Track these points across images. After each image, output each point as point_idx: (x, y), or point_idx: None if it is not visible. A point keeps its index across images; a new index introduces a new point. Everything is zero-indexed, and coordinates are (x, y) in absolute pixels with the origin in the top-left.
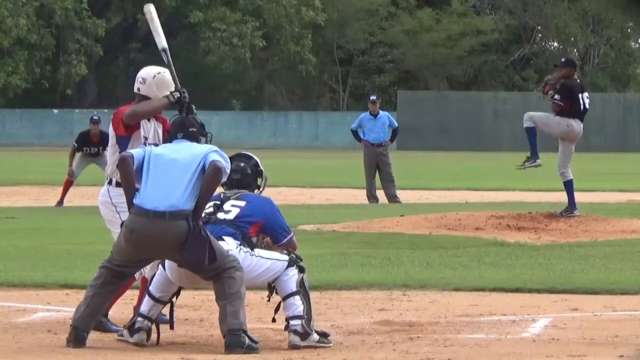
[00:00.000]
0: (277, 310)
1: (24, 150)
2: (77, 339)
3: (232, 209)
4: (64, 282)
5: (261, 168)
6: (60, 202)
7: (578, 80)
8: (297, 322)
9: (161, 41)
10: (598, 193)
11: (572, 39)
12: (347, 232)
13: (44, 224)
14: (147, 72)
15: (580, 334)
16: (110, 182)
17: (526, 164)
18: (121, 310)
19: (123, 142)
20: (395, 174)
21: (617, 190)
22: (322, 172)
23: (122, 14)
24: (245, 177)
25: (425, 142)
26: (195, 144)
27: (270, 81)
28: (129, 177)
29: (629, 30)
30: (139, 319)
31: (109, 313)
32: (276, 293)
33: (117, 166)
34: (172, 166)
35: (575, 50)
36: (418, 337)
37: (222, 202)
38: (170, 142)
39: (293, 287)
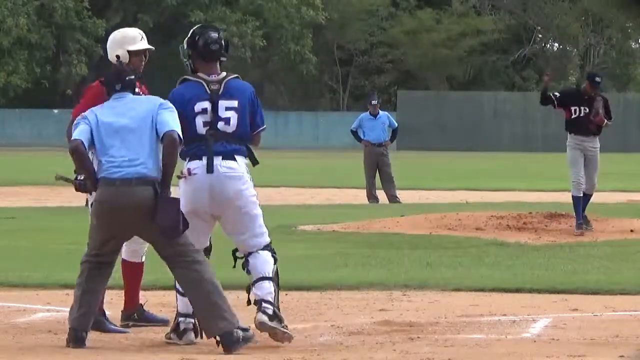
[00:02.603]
0: (249, 290)
1: (24, 150)
2: (76, 339)
3: (229, 115)
4: (64, 282)
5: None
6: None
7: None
8: (268, 304)
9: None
10: (598, 193)
11: (572, 39)
12: (347, 232)
13: (44, 224)
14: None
15: (580, 334)
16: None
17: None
18: (121, 310)
19: None
20: (395, 174)
21: (617, 190)
22: (322, 172)
23: (122, 14)
24: (222, 47)
25: (425, 142)
26: (137, 98)
27: (270, 81)
28: (86, 164)
29: (629, 31)
30: (181, 319)
31: (108, 312)
32: (248, 273)
33: (71, 156)
34: (125, 133)
35: (575, 50)
36: (418, 337)
37: (214, 103)
38: (109, 96)
39: (270, 273)
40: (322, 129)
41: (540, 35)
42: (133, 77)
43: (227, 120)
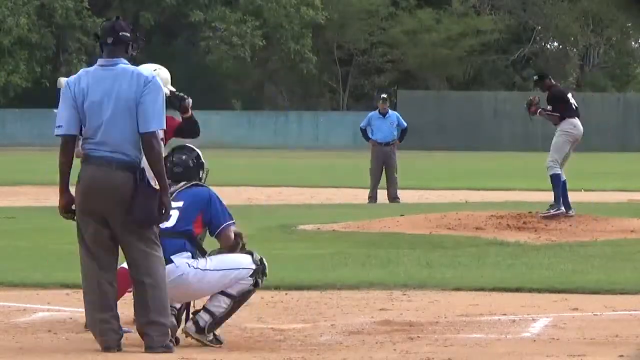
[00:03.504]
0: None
1: (24, 150)
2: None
3: (171, 213)
4: (64, 282)
5: (202, 160)
6: None
7: (559, 85)
8: (206, 317)
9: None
10: (598, 193)
11: (572, 39)
12: (347, 232)
13: (44, 224)
14: (144, 70)
15: (580, 333)
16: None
17: (551, 210)
18: (121, 310)
19: None
20: (398, 175)
21: (617, 190)
22: (322, 172)
23: (122, 14)
24: (188, 170)
25: (425, 142)
26: (122, 77)
27: (270, 81)
28: (68, 161)
29: (629, 31)
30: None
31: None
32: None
33: (60, 150)
34: (108, 117)
35: (575, 50)
36: (418, 337)
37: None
38: (101, 50)
39: (233, 292)
40: (322, 128)
41: (540, 35)
42: (127, 34)
43: None
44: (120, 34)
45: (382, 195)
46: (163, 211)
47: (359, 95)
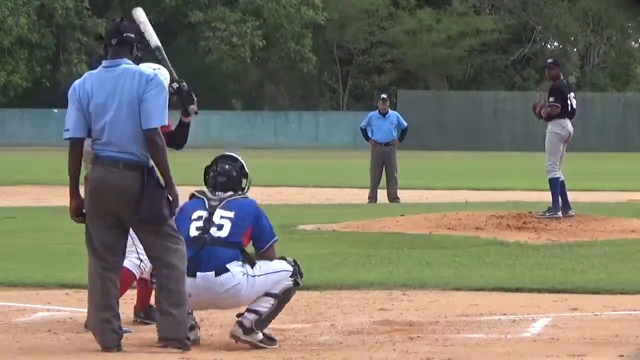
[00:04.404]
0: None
1: (24, 150)
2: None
3: (223, 222)
4: (64, 282)
5: (246, 170)
6: None
7: (565, 81)
8: (251, 316)
9: (154, 40)
10: (598, 193)
11: (572, 38)
12: (347, 232)
13: (44, 224)
14: (146, 69)
15: (580, 333)
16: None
17: (547, 214)
18: (121, 310)
19: None
20: (398, 175)
21: (617, 190)
22: (322, 172)
23: (122, 13)
24: (231, 179)
25: (425, 141)
26: (124, 77)
27: (270, 81)
28: (76, 165)
29: (629, 31)
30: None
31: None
32: None
33: (69, 153)
34: (112, 117)
35: (575, 50)
36: (418, 336)
37: (211, 214)
38: (105, 52)
39: (275, 290)
40: (322, 128)
41: (540, 35)
42: (132, 35)
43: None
44: (125, 35)
45: (382, 195)
46: (171, 206)
47: (359, 95)
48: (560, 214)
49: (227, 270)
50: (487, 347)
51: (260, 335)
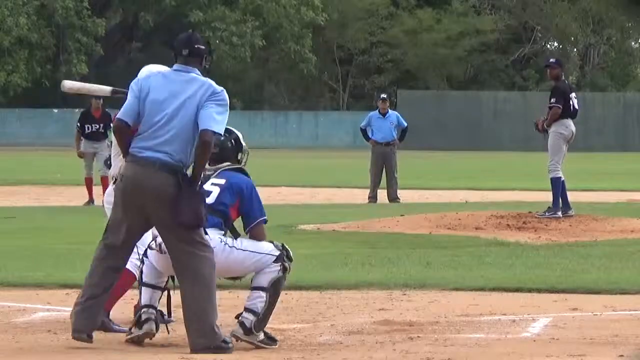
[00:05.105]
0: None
1: (24, 150)
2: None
3: (212, 189)
4: (64, 282)
5: (242, 143)
6: (91, 201)
7: (566, 82)
8: (250, 316)
9: (105, 90)
10: (598, 193)
11: (572, 38)
12: (347, 232)
13: (44, 224)
14: (149, 70)
15: (580, 333)
16: (115, 183)
17: (547, 214)
18: (121, 310)
19: None
20: (398, 175)
21: (617, 190)
22: (322, 172)
23: (122, 13)
24: (225, 150)
25: (425, 141)
26: (192, 84)
27: (270, 81)
28: (125, 145)
29: (629, 31)
30: (144, 309)
31: (110, 312)
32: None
33: (114, 134)
34: (167, 115)
35: (575, 50)
36: (418, 336)
37: (203, 183)
38: (176, 60)
39: (264, 283)
40: (322, 128)
41: (540, 35)
42: (202, 47)
43: None
44: (196, 46)
45: (382, 195)
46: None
47: (358, 95)
48: (560, 214)
49: (204, 233)
50: (487, 347)
51: (261, 336)
